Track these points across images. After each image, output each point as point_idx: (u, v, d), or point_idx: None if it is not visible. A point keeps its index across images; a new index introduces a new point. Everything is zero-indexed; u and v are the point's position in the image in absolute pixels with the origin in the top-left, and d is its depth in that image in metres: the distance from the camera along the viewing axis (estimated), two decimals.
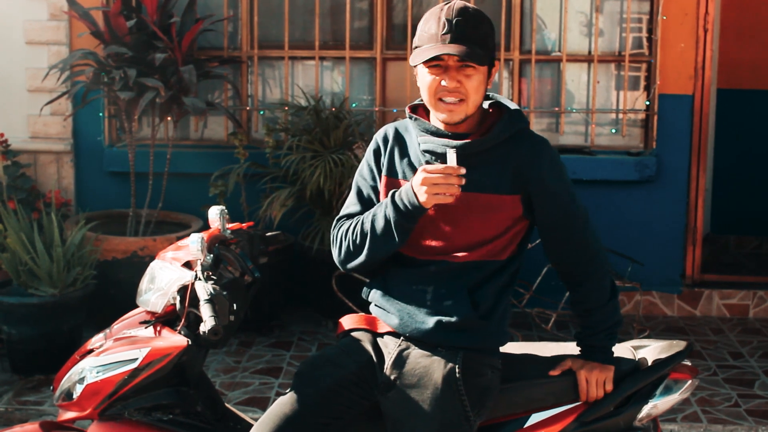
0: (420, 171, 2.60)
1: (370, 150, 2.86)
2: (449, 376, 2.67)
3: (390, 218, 2.67)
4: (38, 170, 6.14)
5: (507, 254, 2.77)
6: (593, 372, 2.78)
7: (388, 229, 2.68)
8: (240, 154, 5.82)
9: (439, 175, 2.56)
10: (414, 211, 2.63)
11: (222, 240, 3.00)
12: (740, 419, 4.63)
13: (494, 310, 2.75)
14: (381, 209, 2.71)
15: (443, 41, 2.63)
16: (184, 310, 2.80)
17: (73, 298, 5.04)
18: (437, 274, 2.74)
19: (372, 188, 2.83)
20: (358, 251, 2.76)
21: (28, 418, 4.57)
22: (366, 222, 2.73)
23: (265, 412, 2.74)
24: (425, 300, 2.74)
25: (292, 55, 6.23)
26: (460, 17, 2.64)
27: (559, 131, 6.24)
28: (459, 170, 2.57)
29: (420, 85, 2.72)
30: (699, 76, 6.06)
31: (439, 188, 2.57)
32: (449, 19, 2.64)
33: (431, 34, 2.65)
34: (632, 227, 6.12)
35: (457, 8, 2.66)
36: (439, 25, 2.64)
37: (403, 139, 2.82)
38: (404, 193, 2.65)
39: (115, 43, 5.48)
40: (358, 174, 2.88)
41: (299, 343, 5.59)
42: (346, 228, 2.79)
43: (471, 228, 2.70)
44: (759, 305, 6.17)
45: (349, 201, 2.88)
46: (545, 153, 2.78)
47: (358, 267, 2.80)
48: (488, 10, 6.18)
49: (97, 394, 2.81)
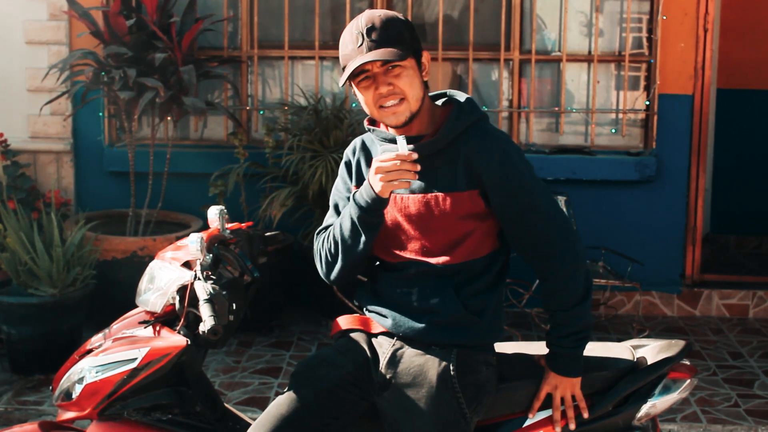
0: (373, 161, 2.63)
1: (342, 165, 2.89)
2: (444, 374, 2.68)
3: (354, 216, 2.69)
4: (38, 170, 6.14)
5: (487, 250, 2.74)
6: (553, 384, 2.74)
7: (354, 228, 2.71)
8: (240, 154, 5.82)
9: (392, 162, 2.57)
10: (373, 204, 2.64)
11: (221, 240, 3.00)
12: (740, 419, 4.63)
13: (486, 307, 2.74)
14: (346, 212, 2.74)
15: (360, 53, 2.64)
16: (184, 309, 2.80)
17: (72, 298, 5.04)
18: (419, 275, 2.74)
19: (347, 200, 2.84)
20: (335, 258, 2.78)
21: (28, 417, 4.57)
22: (336, 228, 2.77)
23: (262, 413, 2.74)
24: (411, 301, 2.75)
25: (292, 55, 6.23)
26: (369, 25, 2.65)
27: (559, 131, 6.25)
28: (410, 156, 2.57)
29: (360, 103, 2.74)
30: (699, 76, 6.06)
31: (392, 175, 2.57)
32: (360, 31, 2.65)
33: (349, 51, 2.67)
34: (632, 227, 6.12)
35: (365, 19, 2.67)
36: (353, 40, 2.66)
37: (368, 150, 2.85)
38: (363, 189, 2.67)
39: (115, 43, 5.48)
40: (334, 189, 2.91)
41: (299, 343, 5.59)
42: (322, 240, 2.83)
43: (438, 228, 2.70)
44: (759, 305, 6.17)
45: (327, 216, 2.90)
46: (495, 145, 2.68)
47: (339, 276, 2.80)
48: (488, 10, 6.20)
49: (96, 394, 2.80)
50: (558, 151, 6.12)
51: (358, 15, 2.73)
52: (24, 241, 4.96)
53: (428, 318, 2.71)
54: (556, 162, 6.00)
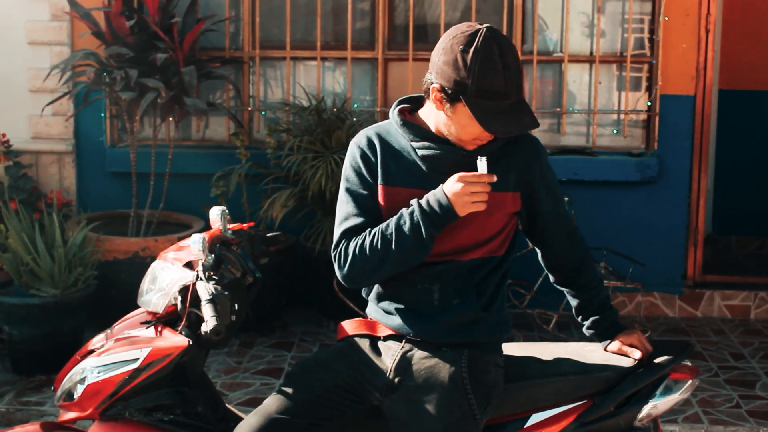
0: (456, 180, 2.59)
1: (357, 157, 2.77)
2: (455, 376, 2.68)
3: (421, 227, 2.62)
4: (40, 171, 6.15)
5: (504, 249, 2.81)
6: (634, 337, 2.89)
7: (418, 238, 2.63)
8: (241, 155, 5.82)
9: (477, 183, 2.57)
10: (447, 219, 2.62)
11: (223, 240, 3.00)
12: (741, 420, 4.62)
13: (493, 302, 2.77)
14: (406, 219, 2.65)
15: (512, 103, 2.60)
16: (186, 310, 2.80)
17: (74, 299, 5.04)
18: (444, 272, 2.73)
19: (369, 196, 2.75)
20: (379, 265, 2.68)
21: (30, 418, 4.57)
22: (388, 234, 2.66)
23: (251, 412, 2.75)
24: (432, 299, 2.73)
25: (293, 56, 6.23)
26: (515, 64, 2.60)
27: (560, 132, 6.24)
28: (491, 178, 2.59)
29: (458, 123, 2.64)
30: (701, 77, 6.05)
31: (477, 196, 2.58)
32: (509, 75, 2.57)
33: (498, 91, 2.58)
34: (633, 228, 6.12)
35: (512, 55, 2.59)
36: (505, 81, 2.57)
37: (390, 145, 2.77)
38: (434, 201, 2.62)
39: (117, 44, 5.48)
40: (348, 183, 2.78)
41: (300, 343, 5.59)
42: (361, 242, 2.69)
43: (477, 226, 2.71)
44: (760, 306, 6.16)
45: (346, 213, 2.77)
46: (541, 150, 2.84)
47: (370, 282, 2.77)
48: (490, 10, 6.20)
49: (98, 394, 2.81)
50: (560, 152, 6.12)
51: (485, 35, 2.59)
52: (26, 241, 4.97)
53: (444, 318, 2.72)
54: (558, 163, 5.99)
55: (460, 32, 2.61)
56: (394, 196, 2.73)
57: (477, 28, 2.61)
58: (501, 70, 2.56)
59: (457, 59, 2.58)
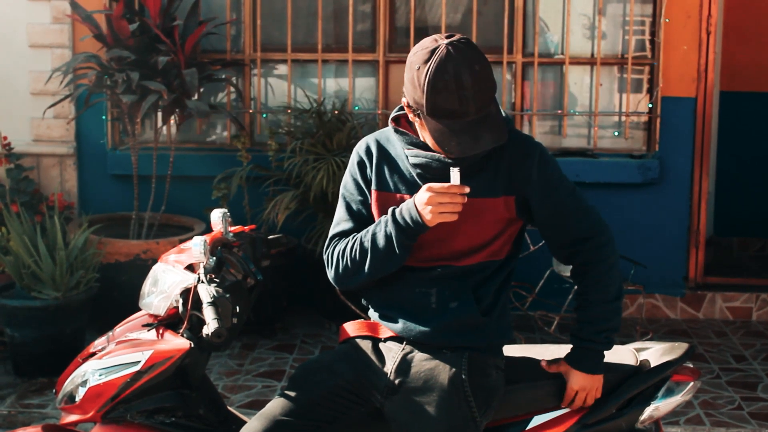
0: (425, 190, 2.57)
1: (354, 163, 2.81)
2: (455, 378, 2.67)
3: (392, 236, 2.64)
4: (41, 173, 6.15)
5: (505, 253, 2.77)
6: (581, 384, 2.74)
7: (389, 247, 2.65)
8: (243, 157, 5.82)
9: (447, 194, 2.55)
10: (417, 229, 2.62)
11: (225, 243, 3.01)
12: (743, 422, 4.62)
13: (494, 306, 2.75)
14: (381, 227, 2.68)
15: (473, 120, 2.54)
16: (187, 312, 2.80)
17: (75, 301, 5.05)
18: (441, 276, 2.73)
19: (361, 203, 2.79)
20: (358, 270, 2.73)
21: (31, 421, 4.57)
22: (365, 240, 2.70)
23: (255, 415, 2.75)
24: (429, 302, 2.74)
25: (294, 58, 6.23)
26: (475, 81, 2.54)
27: (561, 134, 6.24)
28: (463, 189, 2.55)
29: (428, 137, 2.63)
30: (702, 79, 6.05)
31: (444, 207, 2.55)
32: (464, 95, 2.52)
33: (452, 110, 2.53)
34: (635, 230, 6.11)
35: (471, 72, 2.54)
36: (459, 101, 2.52)
37: (387, 152, 2.78)
38: (406, 210, 2.63)
39: (118, 47, 5.48)
40: (344, 189, 2.83)
41: (302, 345, 5.59)
42: (342, 247, 2.75)
43: (467, 233, 2.69)
44: (762, 308, 6.16)
45: (338, 218, 2.82)
46: (533, 150, 2.73)
47: (356, 284, 2.79)
48: (491, 12, 6.20)
49: (99, 396, 2.81)
50: (561, 154, 6.12)
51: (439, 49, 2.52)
52: (27, 244, 4.97)
53: (441, 321, 2.71)
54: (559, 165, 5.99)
55: (421, 48, 2.57)
56: (386, 201, 2.75)
57: (437, 45, 2.54)
58: (455, 90, 2.50)
59: (414, 77, 2.56)
